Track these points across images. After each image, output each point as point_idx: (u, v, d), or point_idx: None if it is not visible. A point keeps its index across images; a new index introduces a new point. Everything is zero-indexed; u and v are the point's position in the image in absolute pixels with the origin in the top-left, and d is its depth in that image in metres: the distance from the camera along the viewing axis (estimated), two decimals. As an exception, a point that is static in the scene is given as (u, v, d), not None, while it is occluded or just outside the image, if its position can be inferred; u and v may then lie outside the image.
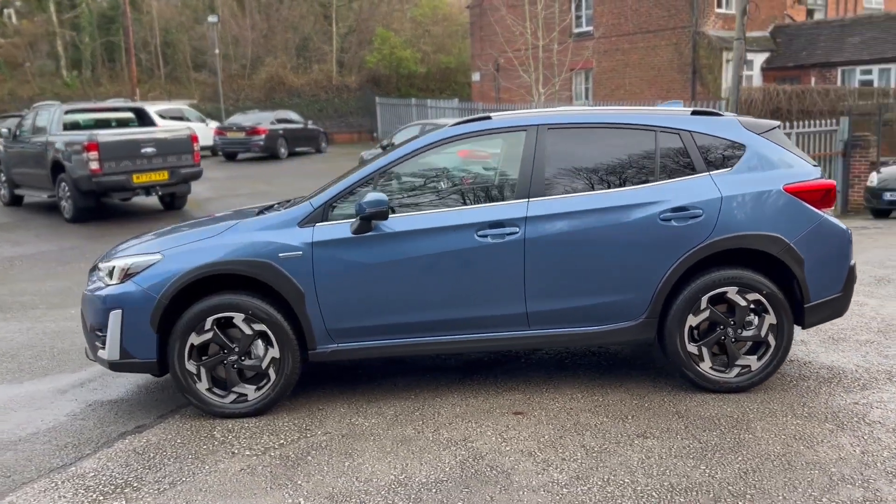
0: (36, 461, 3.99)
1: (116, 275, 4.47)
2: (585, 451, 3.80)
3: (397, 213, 4.45)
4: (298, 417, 4.41)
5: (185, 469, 3.80)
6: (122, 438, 4.24)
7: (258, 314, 4.34)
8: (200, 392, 4.43)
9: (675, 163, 4.49)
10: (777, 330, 4.43)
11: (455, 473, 3.61)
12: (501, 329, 4.47)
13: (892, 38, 22.26)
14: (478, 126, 4.63)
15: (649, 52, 25.23)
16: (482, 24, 31.45)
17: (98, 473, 3.80)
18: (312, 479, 3.62)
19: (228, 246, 4.39)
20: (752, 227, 4.37)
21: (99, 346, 4.55)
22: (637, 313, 4.44)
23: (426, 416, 4.34)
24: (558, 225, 4.38)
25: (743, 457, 3.66)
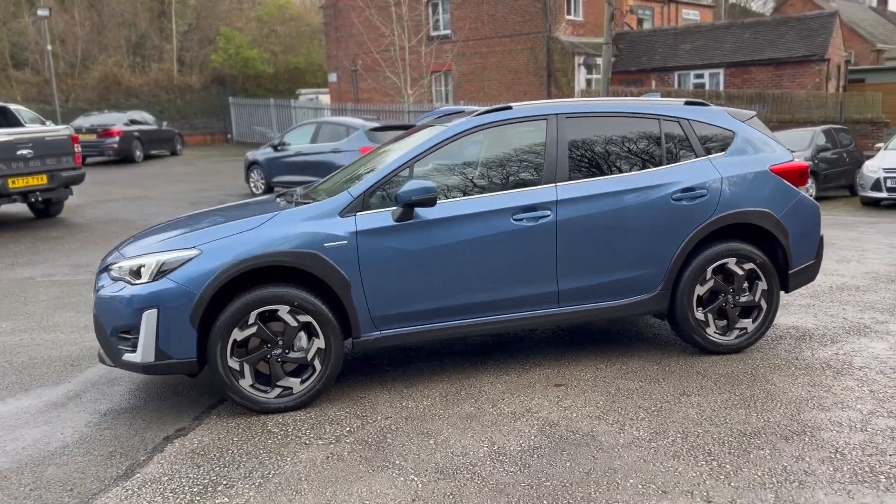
0: (91, 473, 3.75)
1: (148, 273, 4.26)
2: (644, 411, 4.14)
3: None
4: (344, 406, 4.42)
5: (266, 463, 3.74)
6: (170, 442, 4.07)
7: (304, 305, 4.32)
8: (244, 389, 4.33)
9: (679, 148, 4.96)
10: (768, 295, 5.02)
11: (543, 441, 3.82)
12: (534, 308, 4.73)
13: (719, 46, 24.70)
14: (502, 115, 4.84)
15: (506, 56, 26.31)
16: (337, 25, 31.35)
17: (172, 477, 3.65)
18: (409, 458, 3.70)
19: (272, 237, 4.33)
20: (748, 203, 4.92)
21: (125, 349, 4.32)
22: (654, 286, 4.85)
23: (473, 394, 4.51)
24: (585, 207, 4.70)
25: (781, 403, 4.16)
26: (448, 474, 3.52)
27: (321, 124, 14.26)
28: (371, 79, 26.80)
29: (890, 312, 5.95)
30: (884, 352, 4.98)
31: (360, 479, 3.52)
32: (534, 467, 3.54)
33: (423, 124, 5.76)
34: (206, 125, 34.68)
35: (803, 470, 3.40)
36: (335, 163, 13.36)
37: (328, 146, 13.65)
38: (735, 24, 26.19)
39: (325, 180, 5.88)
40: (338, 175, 5.71)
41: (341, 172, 5.78)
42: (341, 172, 5.78)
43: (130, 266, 4.36)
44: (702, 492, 3.25)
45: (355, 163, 5.84)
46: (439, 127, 4.91)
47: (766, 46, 23.58)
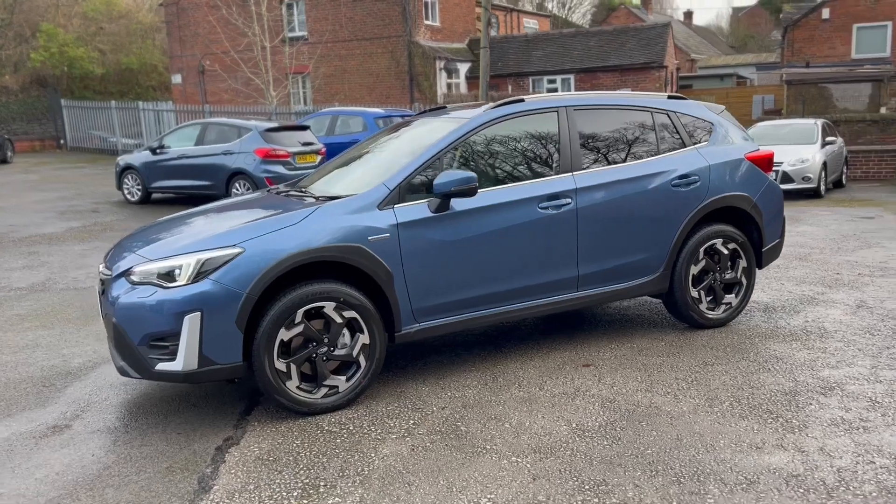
0: (160, 490, 3.46)
1: (186, 274, 3.99)
2: (684, 381, 4.44)
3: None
4: (390, 402, 4.37)
5: (351, 461, 3.64)
6: (225, 452, 3.84)
7: (349, 301, 4.22)
8: (291, 391, 4.16)
9: (670, 138, 5.33)
10: (748, 272, 5.52)
11: (614, 415, 4.00)
12: (557, 293, 4.90)
13: (568, 53, 26.16)
14: (518, 107, 4.96)
15: (367, 59, 26.31)
16: (181, 24, 29.90)
17: (258, 485, 3.46)
18: (497, 442, 3.74)
19: (317, 232, 4.19)
20: (731, 188, 5.38)
21: (161, 357, 4.01)
22: (657, 267, 5.18)
23: (512, 380, 4.61)
24: (600, 194, 4.94)
25: (794, 365, 4.62)
26: (549, 453, 3.60)
27: (207, 125, 13.61)
28: (223, 80, 25.77)
29: (821, 284, 6.69)
30: (844, 317, 5.63)
31: (464, 466, 3.52)
32: (625, 439, 3.71)
33: (404, 121, 5.77)
34: (30, 130, 31.71)
35: (859, 418, 3.82)
36: (227, 165, 12.87)
37: (218, 148, 13.06)
38: (580, 32, 27.84)
39: (308, 176, 5.73)
40: (327, 170, 5.59)
41: (327, 168, 5.66)
42: (327, 168, 5.66)
43: (159, 269, 4.06)
44: (788, 444, 3.57)
45: (341, 157, 5.74)
46: (454, 119, 4.96)
47: (611, 54, 25.28)
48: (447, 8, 27.46)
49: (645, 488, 3.21)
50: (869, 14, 25.21)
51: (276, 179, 12.55)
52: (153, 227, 4.96)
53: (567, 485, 3.29)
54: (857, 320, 5.54)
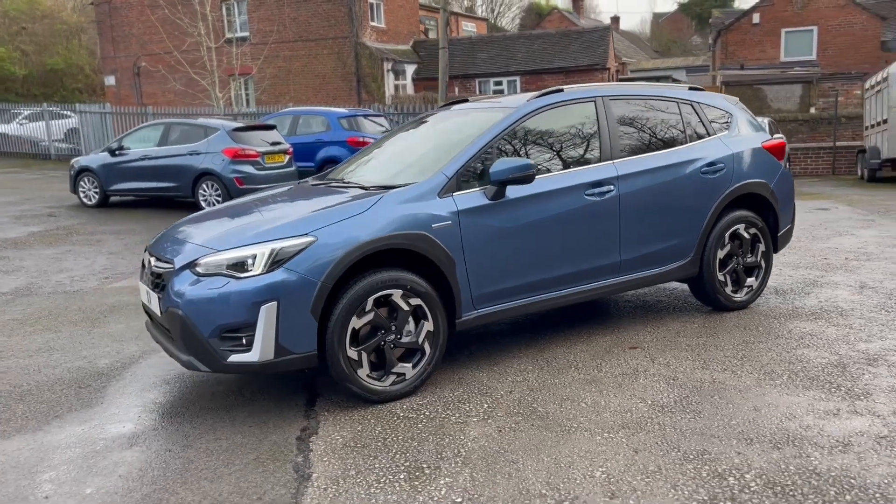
0: (259, 481, 3.40)
1: (261, 264, 3.93)
2: (733, 359, 4.63)
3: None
4: (454, 388, 4.39)
5: (445, 444, 3.65)
6: (308, 441, 3.79)
7: (416, 288, 4.24)
8: (362, 379, 4.15)
9: (696, 127, 5.53)
10: (766, 255, 5.77)
11: (684, 391, 4.15)
12: (601, 278, 5.02)
13: (513, 55, 26.55)
14: (558, 97, 5.06)
15: (312, 60, 26.07)
16: (113, 24, 29.01)
17: (359, 471, 3.44)
18: (581, 420, 3.83)
19: (385, 220, 4.19)
20: (752, 176, 5.62)
21: (232, 349, 3.95)
22: (688, 252, 5.37)
23: (567, 363, 4.70)
24: (639, 181, 5.09)
25: (830, 341, 4.88)
26: (638, 428, 3.71)
27: (170, 125, 13.24)
28: (161, 81, 25.08)
29: (816, 269, 7.05)
30: (853, 296, 5.95)
31: (560, 444, 3.58)
32: (706, 413, 3.85)
33: (428, 114, 5.81)
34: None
35: (914, 384, 4.08)
36: (193, 166, 12.58)
37: (183, 148, 12.74)
38: (524, 35, 28.29)
39: (335, 168, 5.71)
40: (356, 162, 5.58)
41: (355, 160, 5.65)
42: (355, 160, 5.65)
43: (230, 259, 3.99)
44: (861, 410, 3.78)
45: (368, 150, 5.74)
46: (498, 109, 5.00)
47: (555, 56, 25.77)
48: (391, 10, 27.47)
49: (748, 455, 3.35)
50: (796, 19, 26.47)
51: (246, 180, 12.36)
52: (202, 219, 4.85)
53: (670, 455, 3.40)
54: (866, 299, 5.86)
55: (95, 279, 8.01)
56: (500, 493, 3.16)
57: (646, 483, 3.17)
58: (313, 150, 15.10)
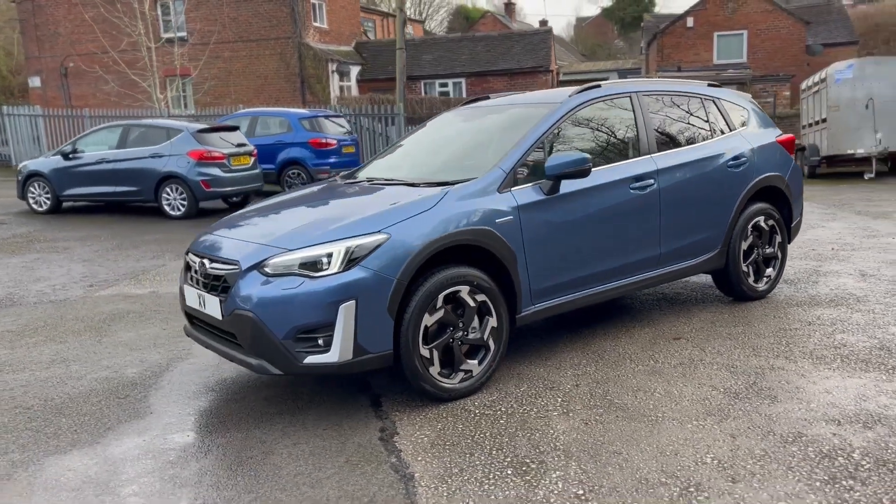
0: (362, 484, 3.32)
1: (337, 262, 3.83)
2: (781, 345, 4.78)
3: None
4: (517, 383, 4.38)
5: (536, 439, 3.63)
6: (392, 442, 3.71)
7: (481, 284, 4.21)
8: (434, 377, 4.10)
9: (719, 122, 5.68)
10: (782, 246, 5.97)
11: (750, 378, 4.25)
12: (643, 271, 5.09)
13: (457, 57, 26.66)
14: (599, 92, 5.09)
15: (254, 61, 25.54)
16: (37, 23, 27.73)
17: (463, 468, 3.39)
18: (664, 410, 3.87)
19: (453, 216, 4.14)
20: (770, 169, 5.81)
21: (310, 350, 3.83)
22: (717, 244, 5.50)
23: (620, 356, 4.75)
24: (676, 175, 5.19)
25: (861, 326, 5.09)
26: (725, 415, 3.77)
27: (129, 127, 12.73)
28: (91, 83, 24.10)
29: (811, 259, 7.34)
30: (859, 284, 6.22)
31: (654, 433, 3.61)
32: (782, 398, 3.95)
33: (453, 112, 5.79)
34: None
35: (961, 363, 4.29)
36: (156, 169, 12.17)
37: (145, 151, 12.27)
38: (467, 37, 28.44)
39: (364, 166, 5.62)
40: (386, 160, 5.52)
41: (383, 158, 5.58)
42: (383, 158, 5.58)
43: (301, 258, 3.87)
44: (924, 388, 3.96)
45: (391, 149, 5.68)
46: (542, 104, 5.00)
47: (499, 58, 26.02)
48: (334, 10, 27.18)
49: (844, 435, 3.46)
50: (727, 23, 27.50)
51: (213, 183, 12.03)
52: (248, 218, 4.68)
53: (769, 440, 3.47)
54: (874, 286, 6.13)
55: (79, 287, 7.64)
56: (618, 483, 3.17)
57: (760, 466, 3.23)
58: (274, 152, 14.80)
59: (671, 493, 3.06)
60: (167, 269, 8.46)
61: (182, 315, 4.82)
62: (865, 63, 16.31)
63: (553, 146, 4.79)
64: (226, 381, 4.75)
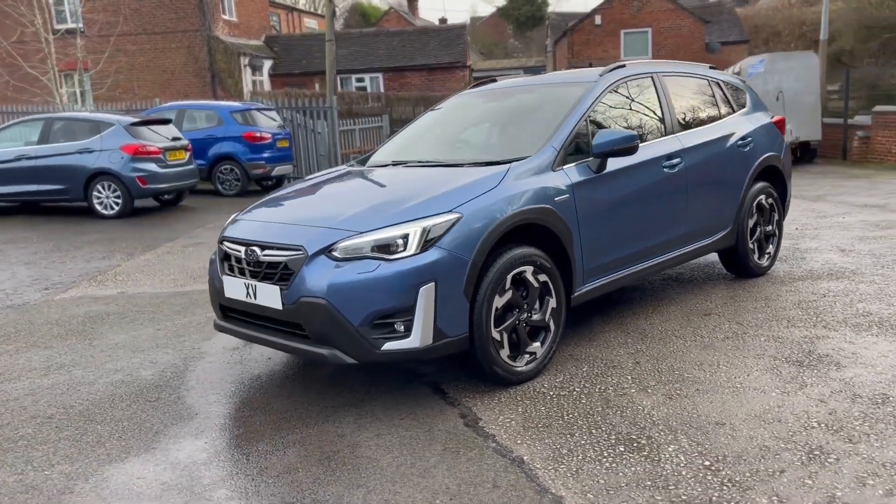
0: (474, 472, 3.17)
1: (415, 243, 3.65)
2: (812, 316, 4.92)
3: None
4: (577, 364, 4.31)
5: (628, 415, 3.58)
6: (480, 428, 3.57)
7: (543, 264, 4.12)
8: (505, 360, 3.98)
9: (726, 103, 5.81)
10: (779, 223, 6.18)
11: (805, 347, 4.36)
12: (672, 249, 5.13)
13: (373, 52, 26.37)
14: (626, 72, 5.08)
15: (159, 55, 24.37)
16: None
17: (570, 449, 3.29)
18: (738, 381, 3.90)
19: (517, 194, 4.03)
20: (770, 149, 6.00)
21: (388, 336, 3.64)
22: (729, 223, 5.62)
23: (661, 333, 4.77)
24: (698, 155, 5.26)
25: (876, 296, 5.32)
26: (802, 383, 3.83)
27: (52, 121, 11.81)
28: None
29: (785, 238, 7.63)
30: (845, 258, 6.53)
31: (746, 403, 3.62)
32: (846, 363, 4.06)
33: (450, 102, 5.68)
34: None
35: None
36: (85, 165, 11.40)
37: (73, 146, 11.43)
38: (382, 32, 28.16)
39: (377, 151, 5.42)
40: (405, 144, 5.34)
41: (401, 143, 5.40)
42: (401, 143, 5.40)
43: (374, 240, 3.67)
44: (970, 348, 4.16)
45: (407, 134, 5.50)
46: (576, 84, 4.94)
47: (416, 54, 25.92)
48: (242, 3, 26.31)
49: (927, 394, 3.59)
50: (633, 21, 28.48)
51: (149, 179, 11.37)
52: (290, 203, 4.40)
53: (860, 402, 3.55)
54: (859, 260, 6.44)
55: (34, 291, 7.01)
56: (741, 452, 3.15)
57: (868, 427, 3.29)
58: (204, 147, 14.12)
59: (799, 457, 3.07)
60: (124, 269, 7.91)
61: (168, 315, 4.48)
62: (776, 58, 17.21)
63: (589, 125, 4.75)
64: (259, 377, 4.46)
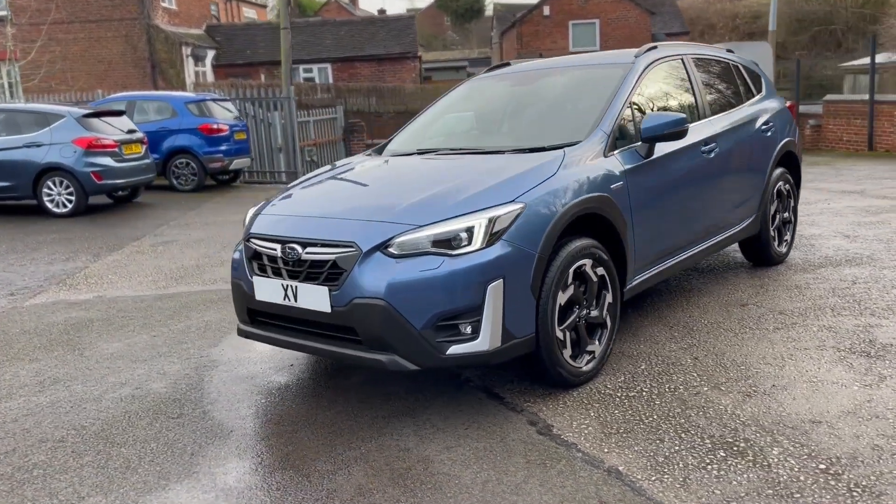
0: (573, 488, 2.89)
1: (479, 237, 3.33)
2: (851, 302, 4.81)
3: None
4: (630, 362, 4.08)
5: (715, 416, 3.35)
6: (556, 436, 3.29)
7: (601, 257, 3.85)
8: (568, 361, 3.70)
9: (746, 87, 5.65)
10: (795, 210, 6.07)
11: (859, 335, 4.22)
12: (713, 236, 4.93)
13: (321, 42, 25.72)
14: (659, 53, 4.84)
15: (95, 45, 23.23)
16: None
17: (666, 456, 3.04)
18: (812, 371, 3.73)
19: (576, 182, 3.74)
20: (788, 134, 5.87)
21: (453, 339, 3.31)
22: (754, 211, 5.46)
23: (709, 325, 4.57)
24: (729, 139, 5.07)
25: (887, 285, 5.25)
26: (881, 376, 3.67)
27: (-5, 112, 11.00)
28: None
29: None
30: (853, 244, 6.48)
31: (835, 398, 3.44)
32: None
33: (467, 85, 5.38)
34: None
35: None
36: (34, 160, 10.66)
37: (19, 140, 10.63)
38: (328, 22, 27.49)
39: (393, 138, 5.08)
40: (425, 130, 5.01)
41: (422, 128, 5.07)
42: (422, 128, 5.07)
43: (436, 234, 3.33)
44: None
45: (426, 120, 5.17)
46: (613, 66, 4.66)
47: (365, 44, 25.39)
48: (182, -9, 25.31)
49: None
50: (581, 12, 28.55)
51: (105, 174, 10.69)
52: (318, 196, 4.02)
53: (947, 393, 3.41)
54: (871, 245, 6.40)
55: None
56: (854, 452, 2.94)
57: (973, 420, 3.14)
58: (157, 140, 13.38)
59: (920, 456, 2.89)
60: (93, 271, 7.34)
61: (160, 320, 4.07)
62: (731, 47, 17.36)
63: (632, 109, 4.50)
64: (287, 387, 4.08)
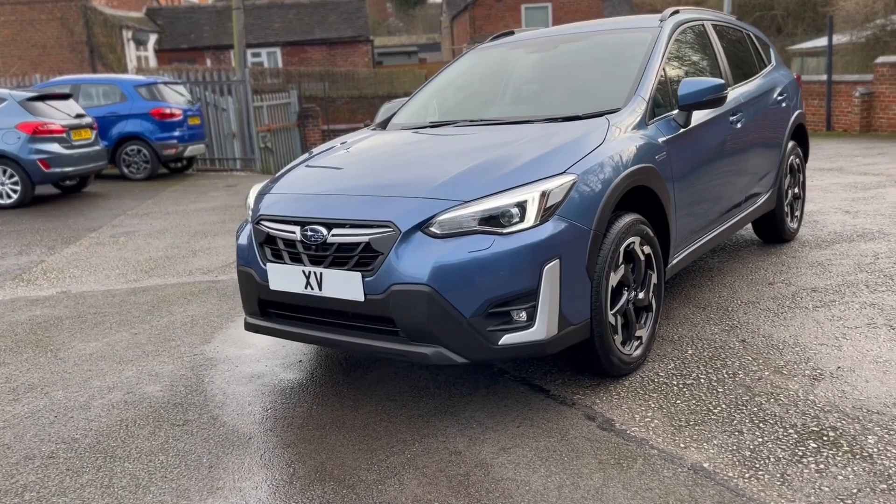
0: (663, 490, 2.58)
1: (533, 212, 2.97)
2: (880, 277, 4.61)
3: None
4: (672, 346, 3.79)
5: (788, 402, 3.09)
6: (622, 432, 2.97)
7: (648, 234, 3.54)
8: (620, 349, 3.38)
9: (758, 57, 5.41)
10: (804, 185, 5.87)
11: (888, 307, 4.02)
12: (737, 213, 4.66)
13: (269, 25, 24.91)
14: (685, 16, 4.54)
15: (28, 27, 21.98)
16: None
17: (753, 450, 2.75)
18: (874, 351, 3.50)
19: (624, 152, 3.41)
20: (799, 106, 5.67)
21: (505, 327, 2.96)
22: (770, 185, 5.22)
23: (745, 303, 4.32)
24: (752, 109, 4.82)
25: None
26: (942, 351, 3.48)
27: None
28: None
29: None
30: (857, 220, 6.33)
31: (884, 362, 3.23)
32: (968, 327, 3.74)
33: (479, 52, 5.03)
34: None
35: None
36: (-27, 147, 9.82)
37: (-44, 126, 9.84)
38: (276, 4, 26.60)
39: (397, 112, 4.69)
40: (438, 101, 4.64)
41: (414, 103, 4.70)
42: (414, 103, 4.70)
43: (483, 211, 2.96)
44: None
45: (437, 89, 4.80)
46: (640, 30, 4.32)
47: (315, 27, 24.67)
48: (120, -29, 24.14)
49: None
50: (533, -5, 28.31)
51: (53, 162, 9.98)
52: (347, 170, 3.60)
53: None
54: (875, 221, 6.26)
55: (-52, 294, 5.81)
56: (955, 440, 2.71)
57: None
58: (106, 126, 12.62)
59: None
60: (51, 265, 6.75)
61: (138, 316, 3.64)
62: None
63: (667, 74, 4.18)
64: (302, 385, 3.67)
